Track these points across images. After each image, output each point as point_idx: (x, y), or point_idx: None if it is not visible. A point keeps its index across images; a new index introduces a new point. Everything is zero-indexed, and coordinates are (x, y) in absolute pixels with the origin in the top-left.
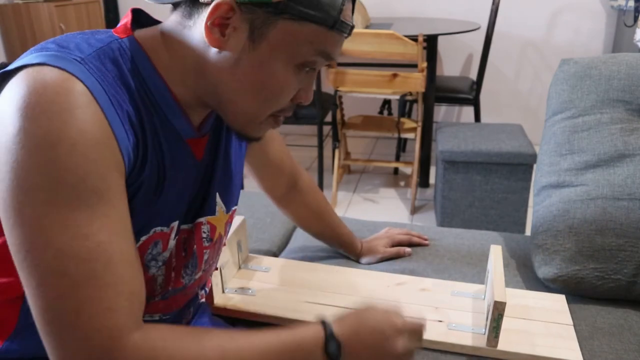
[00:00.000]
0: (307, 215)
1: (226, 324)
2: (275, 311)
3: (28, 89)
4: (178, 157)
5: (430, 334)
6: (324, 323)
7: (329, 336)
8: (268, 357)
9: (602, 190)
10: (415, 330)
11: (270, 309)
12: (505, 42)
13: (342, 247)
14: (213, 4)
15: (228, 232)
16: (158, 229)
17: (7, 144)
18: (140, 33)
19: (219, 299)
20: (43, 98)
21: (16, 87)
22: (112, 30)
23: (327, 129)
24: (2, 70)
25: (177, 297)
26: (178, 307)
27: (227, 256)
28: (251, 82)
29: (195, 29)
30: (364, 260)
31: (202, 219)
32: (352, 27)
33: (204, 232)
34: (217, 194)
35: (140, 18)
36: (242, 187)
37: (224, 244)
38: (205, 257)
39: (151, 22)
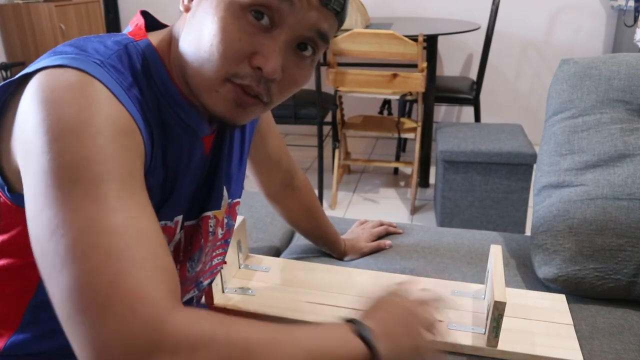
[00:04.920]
0: (298, 212)
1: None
2: (275, 311)
3: (50, 86)
4: (191, 154)
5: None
6: (345, 319)
7: (355, 322)
8: (314, 337)
9: (602, 190)
10: (431, 301)
11: (270, 309)
12: (505, 42)
13: (327, 246)
14: None
15: (231, 225)
16: (162, 222)
17: (32, 133)
18: (154, 36)
19: (218, 299)
20: (66, 91)
21: (38, 85)
22: (127, 33)
23: (327, 129)
24: (21, 73)
25: (181, 289)
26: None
27: (227, 256)
28: (197, 31)
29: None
30: (347, 258)
31: (209, 213)
32: None
33: (211, 226)
34: (225, 187)
35: (150, 20)
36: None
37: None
38: (206, 249)
39: (159, 24)
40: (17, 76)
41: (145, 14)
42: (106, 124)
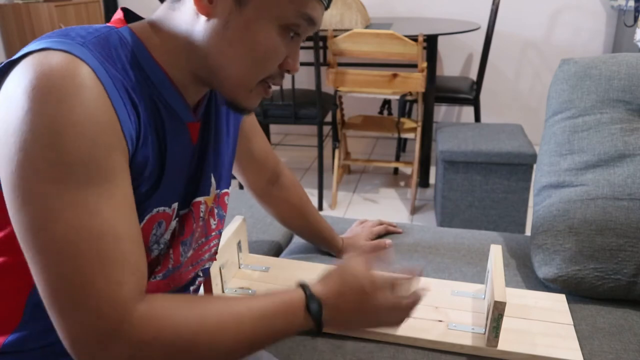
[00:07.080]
0: (288, 211)
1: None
2: None
3: (35, 72)
4: (178, 139)
5: (430, 334)
6: (303, 286)
7: (309, 297)
8: (261, 321)
9: (602, 190)
10: (397, 284)
11: None
12: (505, 42)
13: (323, 243)
14: None
15: (222, 216)
16: (161, 209)
17: (15, 125)
18: (133, 25)
19: None
20: (50, 81)
21: (23, 70)
22: (107, 23)
23: (327, 129)
24: (8, 60)
25: (175, 276)
26: (177, 286)
27: (227, 256)
28: (239, 44)
29: (184, 7)
30: (345, 256)
31: (200, 199)
32: None
33: (202, 211)
34: (212, 174)
35: (130, 15)
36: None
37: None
38: (196, 235)
39: (138, 18)
40: (1, 64)
41: (124, 9)
42: (85, 121)
